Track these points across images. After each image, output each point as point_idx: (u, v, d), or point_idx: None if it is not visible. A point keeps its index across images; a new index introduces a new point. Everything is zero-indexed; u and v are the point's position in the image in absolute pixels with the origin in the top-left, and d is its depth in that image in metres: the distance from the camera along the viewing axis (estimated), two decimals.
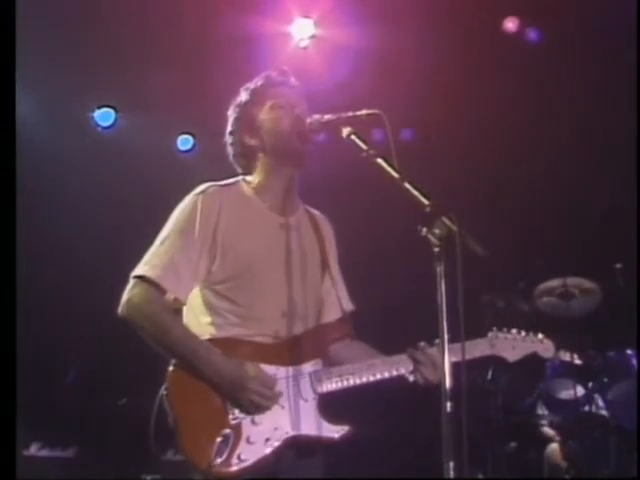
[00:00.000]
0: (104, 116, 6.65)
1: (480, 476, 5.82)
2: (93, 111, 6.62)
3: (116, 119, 6.67)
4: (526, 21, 6.18)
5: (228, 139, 2.91)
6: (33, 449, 5.79)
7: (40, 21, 5.39)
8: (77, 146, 6.49)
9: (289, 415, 2.59)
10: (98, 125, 6.64)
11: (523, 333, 3.05)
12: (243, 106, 2.87)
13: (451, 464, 2.11)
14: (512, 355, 3.01)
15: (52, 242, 6.43)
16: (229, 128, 2.90)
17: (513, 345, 3.01)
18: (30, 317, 4.45)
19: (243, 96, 2.89)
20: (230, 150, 2.91)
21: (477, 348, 2.92)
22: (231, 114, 2.90)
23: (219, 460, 2.47)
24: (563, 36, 6.06)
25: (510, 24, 6.15)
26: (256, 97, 2.85)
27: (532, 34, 6.22)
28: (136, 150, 6.65)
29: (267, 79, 2.88)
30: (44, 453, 5.83)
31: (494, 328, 3.02)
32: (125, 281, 2.67)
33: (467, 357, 2.81)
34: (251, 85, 2.89)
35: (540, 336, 3.08)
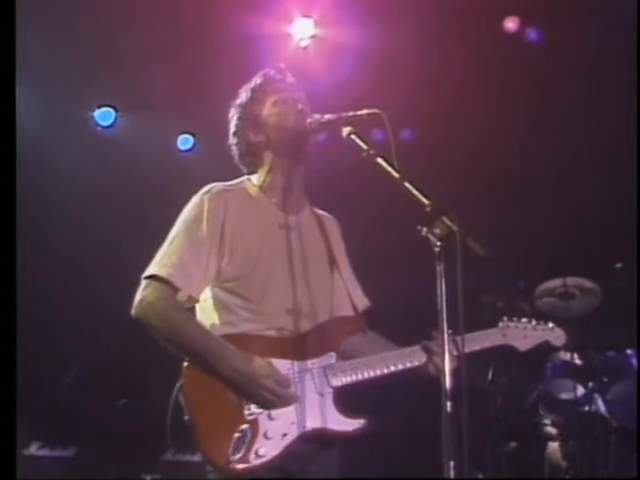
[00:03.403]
0: (104, 116, 6.65)
1: (480, 476, 5.82)
2: (93, 111, 6.63)
3: (116, 119, 6.68)
4: (526, 21, 6.18)
5: (232, 140, 2.91)
6: (33, 449, 5.80)
7: (40, 21, 5.39)
8: (77, 146, 6.49)
9: (305, 409, 2.59)
10: (98, 125, 6.64)
11: (534, 322, 3.05)
12: (245, 105, 2.88)
13: (451, 464, 2.11)
14: (523, 344, 3.00)
15: (52, 241, 6.43)
16: (232, 129, 2.91)
17: (524, 334, 3.00)
18: (30, 317, 4.45)
19: (243, 96, 2.90)
20: (235, 151, 2.92)
21: (489, 338, 2.92)
22: (233, 115, 2.91)
23: (237, 456, 2.47)
24: (563, 36, 6.06)
25: (510, 24, 6.15)
26: (257, 95, 2.86)
27: (532, 34, 6.22)
28: (136, 150, 6.65)
29: (266, 76, 2.90)
30: (44, 453, 5.83)
31: (504, 318, 3.01)
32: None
33: (479, 347, 2.86)
34: (250, 84, 2.91)
35: (550, 324, 3.08)
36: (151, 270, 2.64)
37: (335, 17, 6.01)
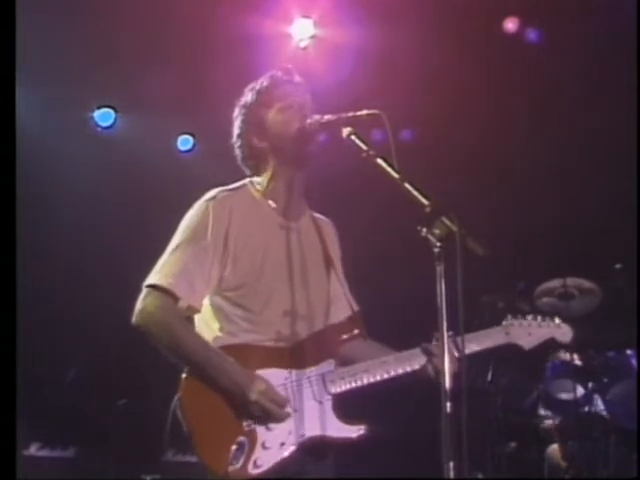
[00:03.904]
0: (104, 116, 6.65)
1: (480, 476, 5.82)
2: (93, 111, 6.63)
3: (116, 119, 6.68)
4: (526, 21, 6.18)
5: (236, 142, 2.86)
6: (33, 449, 5.79)
7: (40, 21, 5.39)
8: (77, 146, 6.49)
9: (304, 418, 2.59)
10: (98, 125, 6.64)
11: (539, 318, 2.99)
12: (249, 107, 2.82)
13: (451, 464, 2.11)
14: (528, 342, 2.94)
15: (51, 242, 6.43)
16: (236, 130, 2.86)
17: (529, 332, 2.95)
18: (30, 317, 4.45)
19: (249, 97, 2.84)
20: (238, 153, 2.87)
21: (491, 337, 2.88)
22: (237, 116, 2.86)
23: (236, 467, 2.47)
24: (563, 36, 6.06)
25: (510, 24, 6.15)
26: (263, 98, 2.81)
27: (532, 34, 6.22)
28: (136, 150, 6.65)
29: (272, 79, 2.84)
30: (44, 453, 5.83)
31: (508, 316, 2.96)
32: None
33: (482, 347, 2.81)
34: (256, 85, 2.85)
35: (557, 320, 3.02)
36: (153, 279, 2.61)
37: (335, 17, 6.01)
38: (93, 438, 5.95)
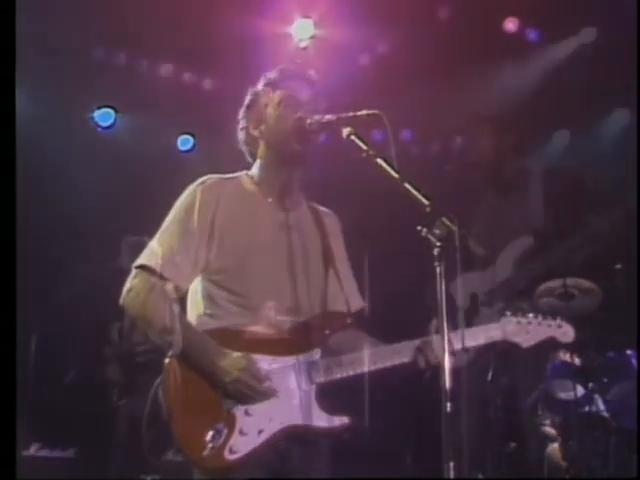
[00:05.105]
0: (104, 116, 6.66)
1: (480, 476, 5.81)
2: (93, 111, 6.63)
3: (116, 119, 6.69)
4: (526, 21, 6.18)
5: (240, 124, 2.93)
6: (33, 449, 5.79)
7: (40, 21, 5.40)
8: (77, 146, 6.49)
9: (285, 405, 2.59)
10: (98, 125, 6.65)
11: (540, 317, 2.94)
12: (255, 95, 2.89)
13: (451, 464, 2.11)
14: (526, 340, 2.88)
15: (52, 241, 6.43)
16: (240, 114, 2.93)
17: (527, 330, 2.89)
18: (30, 317, 4.45)
19: (259, 85, 2.90)
20: (239, 135, 2.94)
21: (487, 333, 2.84)
22: (246, 100, 2.92)
23: (212, 452, 2.47)
24: (563, 36, 6.07)
25: (510, 24, 6.16)
26: (267, 89, 2.86)
27: (532, 34, 6.23)
28: (136, 150, 6.66)
29: (280, 72, 2.88)
30: (44, 453, 5.83)
31: (507, 312, 2.91)
32: (124, 280, 2.68)
33: (477, 342, 2.78)
34: (268, 74, 2.90)
35: (558, 320, 2.97)
36: (141, 260, 2.67)
37: (335, 17, 6.01)
38: (93, 438, 5.95)
